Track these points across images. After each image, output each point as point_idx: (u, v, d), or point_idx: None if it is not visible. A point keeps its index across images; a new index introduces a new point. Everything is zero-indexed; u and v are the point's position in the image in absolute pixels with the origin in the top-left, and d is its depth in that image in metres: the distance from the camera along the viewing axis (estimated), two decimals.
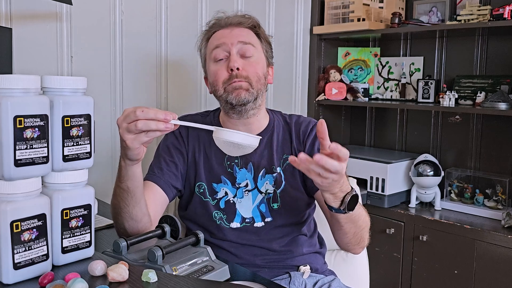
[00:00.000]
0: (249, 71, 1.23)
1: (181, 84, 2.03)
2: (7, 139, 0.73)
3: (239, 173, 1.26)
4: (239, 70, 1.22)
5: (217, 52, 1.25)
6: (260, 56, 1.28)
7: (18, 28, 1.53)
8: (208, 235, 1.25)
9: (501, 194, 2.12)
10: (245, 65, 1.23)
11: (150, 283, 0.76)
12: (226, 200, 1.25)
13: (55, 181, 0.82)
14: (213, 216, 1.25)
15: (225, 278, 1.00)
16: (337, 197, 1.02)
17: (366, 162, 2.27)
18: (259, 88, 1.24)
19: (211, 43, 1.29)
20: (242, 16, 1.31)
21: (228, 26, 1.28)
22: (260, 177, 1.26)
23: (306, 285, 1.21)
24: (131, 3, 1.82)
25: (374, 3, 2.37)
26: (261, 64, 1.27)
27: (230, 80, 1.22)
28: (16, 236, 0.74)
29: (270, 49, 1.33)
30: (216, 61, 1.26)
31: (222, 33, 1.27)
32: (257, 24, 1.30)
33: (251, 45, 1.25)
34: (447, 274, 2.03)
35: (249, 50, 1.24)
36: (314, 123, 1.32)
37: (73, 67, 1.69)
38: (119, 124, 0.96)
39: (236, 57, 1.23)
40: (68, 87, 0.82)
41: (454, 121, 2.37)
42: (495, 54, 2.23)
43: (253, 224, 1.25)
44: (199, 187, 1.27)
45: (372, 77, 2.64)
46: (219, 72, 1.24)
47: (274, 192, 1.25)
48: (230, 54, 1.23)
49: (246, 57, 1.24)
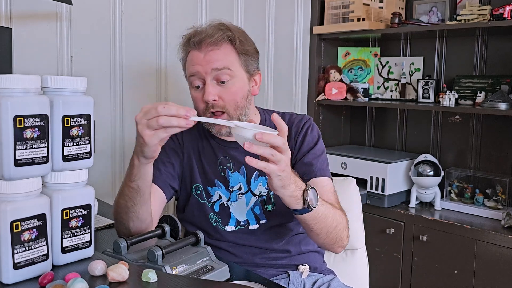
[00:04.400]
0: (226, 100, 1.19)
1: (181, 84, 2.03)
2: (7, 139, 0.73)
3: (231, 176, 1.26)
4: (215, 101, 1.19)
5: (194, 80, 1.22)
6: (238, 77, 1.21)
7: (18, 28, 1.53)
8: (206, 236, 1.24)
9: (501, 194, 2.12)
10: (222, 93, 1.19)
11: (150, 283, 0.76)
12: (220, 204, 1.25)
13: (55, 181, 0.82)
14: (209, 218, 1.25)
15: (225, 278, 1.00)
16: (296, 197, 1.02)
17: (366, 162, 2.27)
18: (240, 113, 1.21)
19: (188, 66, 1.24)
20: (217, 28, 1.21)
21: (201, 46, 1.19)
22: (253, 179, 1.26)
23: (305, 284, 1.21)
24: (131, 3, 1.82)
25: (374, 3, 2.37)
26: (239, 87, 1.21)
27: (207, 111, 1.20)
28: (16, 236, 0.74)
29: (252, 58, 1.25)
30: (193, 87, 1.23)
31: (196, 57, 1.20)
32: (232, 37, 1.21)
33: (226, 69, 1.18)
34: (447, 274, 2.03)
35: (224, 76, 1.18)
36: (306, 119, 1.31)
37: (73, 67, 1.69)
38: (138, 120, 0.96)
39: (210, 89, 1.18)
40: (68, 87, 0.82)
41: (454, 121, 2.37)
42: (495, 54, 2.23)
43: (248, 227, 1.25)
44: (196, 189, 1.27)
45: (372, 77, 2.64)
46: (197, 100, 1.22)
47: (267, 194, 1.25)
48: (205, 84, 1.19)
49: (221, 83, 1.19)
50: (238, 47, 1.21)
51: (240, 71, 1.22)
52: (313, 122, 1.32)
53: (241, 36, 1.23)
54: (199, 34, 1.21)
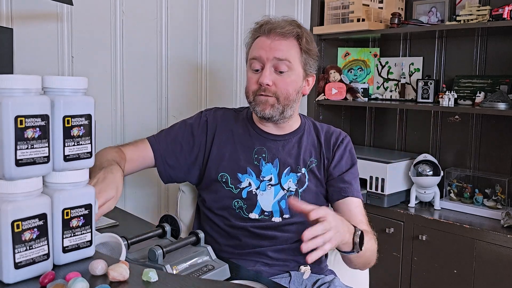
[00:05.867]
0: (279, 87, 1.26)
1: (181, 84, 2.03)
2: (8, 139, 0.73)
3: (265, 166, 1.29)
4: (269, 86, 1.25)
5: (254, 63, 1.28)
6: (295, 71, 1.27)
7: (19, 29, 1.54)
8: (223, 223, 1.29)
9: (500, 193, 2.13)
10: (277, 81, 1.26)
11: (150, 283, 0.76)
12: (248, 191, 1.29)
13: (56, 180, 0.82)
14: (233, 205, 1.29)
15: (225, 277, 1.01)
16: (348, 243, 1.06)
17: (365, 162, 2.27)
18: (287, 103, 1.27)
19: (252, 50, 1.30)
20: (289, 23, 1.29)
21: (270, 34, 1.26)
22: (284, 174, 1.30)
23: (306, 284, 1.22)
24: (131, 3, 1.82)
25: (373, 3, 2.37)
26: (294, 80, 1.27)
27: (259, 91, 1.26)
28: (17, 235, 0.74)
29: (312, 59, 1.31)
30: (252, 70, 1.29)
31: (262, 42, 1.27)
32: (300, 34, 1.28)
33: (286, 61, 1.25)
34: (446, 273, 2.04)
35: (283, 66, 1.25)
36: (344, 135, 1.37)
37: (74, 67, 1.69)
38: None
39: (267, 73, 1.25)
40: (69, 87, 0.82)
41: (453, 121, 2.38)
42: (494, 54, 2.23)
43: (271, 219, 1.28)
44: (221, 177, 1.31)
45: (372, 77, 2.64)
46: (251, 81, 1.29)
47: (296, 191, 1.29)
48: (263, 68, 1.26)
49: (279, 72, 1.26)
50: (303, 45, 1.27)
51: (298, 66, 1.28)
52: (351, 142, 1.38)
53: (308, 37, 1.29)
54: (272, 23, 1.28)
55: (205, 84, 2.11)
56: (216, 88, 2.16)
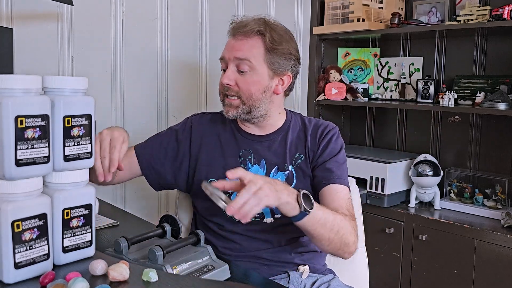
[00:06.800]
0: (241, 87, 1.25)
1: (181, 84, 2.03)
2: (8, 139, 0.73)
3: (251, 169, 1.28)
4: (230, 86, 1.25)
5: (222, 63, 1.30)
6: (257, 71, 1.24)
7: (19, 29, 1.54)
8: (218, 228, 1.28)
9: (500, 193, 2.13)
10: (239, 81, 1.25)
11: (150, 283, 0.76)
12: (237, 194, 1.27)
13: (56, 180, 0.82)
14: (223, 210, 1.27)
15: (225, 278, 1.00)
16: (290, 202, 1.04)
17: (365, 162, 2.27)
18: (252, 104, 1.25)
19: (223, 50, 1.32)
20: (255, 21, 1.26)
21: (235, 34, 1.26)
22: (272, 174, 1.28)
23: (305, 284, 1.22)
24: (131, 3, 1.82)
25: (373, 3, 2.37)
26: (256, 80, 1.25)
27: (223, 93, 1.28)
28: (17, 235, 0.74)
29: (281, 58, 1.26)
30: (221, 70, 1.31)
31: (228, 43, 1.28)
32: (263, 32, 1.24)
33: (247, 61, 1.23)
34: (446, 273, 2.04)
35: (244, 66, 1.24)
36: (332, 126, 1.35)
37: (74, 67, 1.69)
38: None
39: (229, 73, 1.25)
40: (69, 87, 0.83)
41: (453, 121, 2.38)
42: (494, 54, 2.23)
43: (263, 220, 1.27)
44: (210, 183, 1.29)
45: (372, 77, 2.64)
46: (220, 82, 1.30)
47: None
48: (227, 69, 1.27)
49: (241, 72, 1.25)
50: (267, 43, 1.24)
51: (262, 66, 1.25)
52: (339, 132, 1.36)
53: (276, 36, 1.25)
54: (238, 23, 1.28)
55: (205, 84, 2.11)
56: (216, 88, 2.13)
